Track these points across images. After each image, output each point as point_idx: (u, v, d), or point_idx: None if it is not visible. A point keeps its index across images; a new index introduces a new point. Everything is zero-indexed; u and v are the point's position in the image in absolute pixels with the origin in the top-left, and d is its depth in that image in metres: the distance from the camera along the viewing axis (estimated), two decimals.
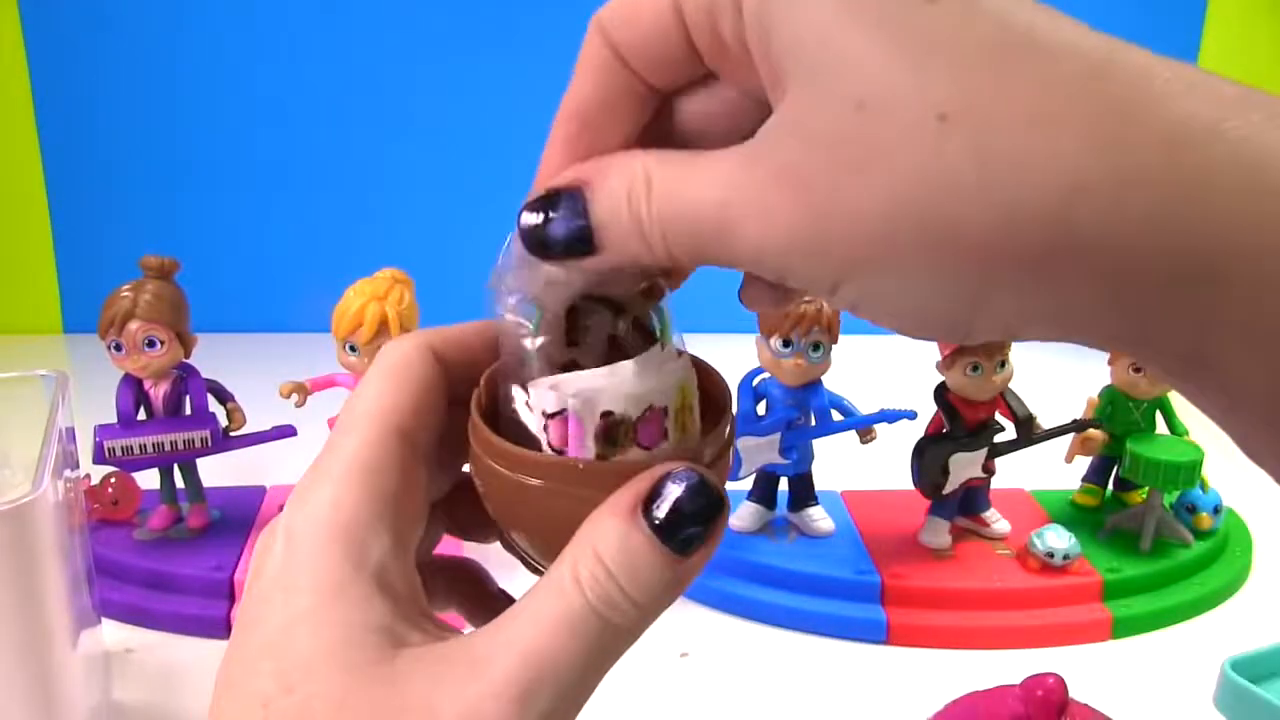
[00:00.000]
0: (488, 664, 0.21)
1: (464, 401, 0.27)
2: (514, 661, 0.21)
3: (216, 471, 0.73)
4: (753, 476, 0.73)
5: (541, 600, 0.22)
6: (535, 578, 0.24)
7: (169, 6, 1.17)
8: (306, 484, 0.24)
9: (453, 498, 0.28)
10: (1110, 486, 0.79)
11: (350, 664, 0.21)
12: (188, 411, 0.69)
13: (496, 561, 0.30)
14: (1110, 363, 0.75)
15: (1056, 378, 0.95)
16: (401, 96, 1.23)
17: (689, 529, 0.22)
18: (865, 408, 0.72)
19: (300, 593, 0.22)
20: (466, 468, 0.28)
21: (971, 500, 0.73)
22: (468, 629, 0.23)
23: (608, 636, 0.21)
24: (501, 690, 0.21)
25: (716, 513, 0.22)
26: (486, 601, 0.28)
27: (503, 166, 1.27)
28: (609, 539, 0.22)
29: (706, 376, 0.27)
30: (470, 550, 0.32)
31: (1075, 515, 0.77)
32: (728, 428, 0.26)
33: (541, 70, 1.23)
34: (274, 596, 0.22)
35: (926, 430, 0.72)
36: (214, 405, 0.69)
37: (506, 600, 0.27)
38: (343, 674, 0.21)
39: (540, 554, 0.26)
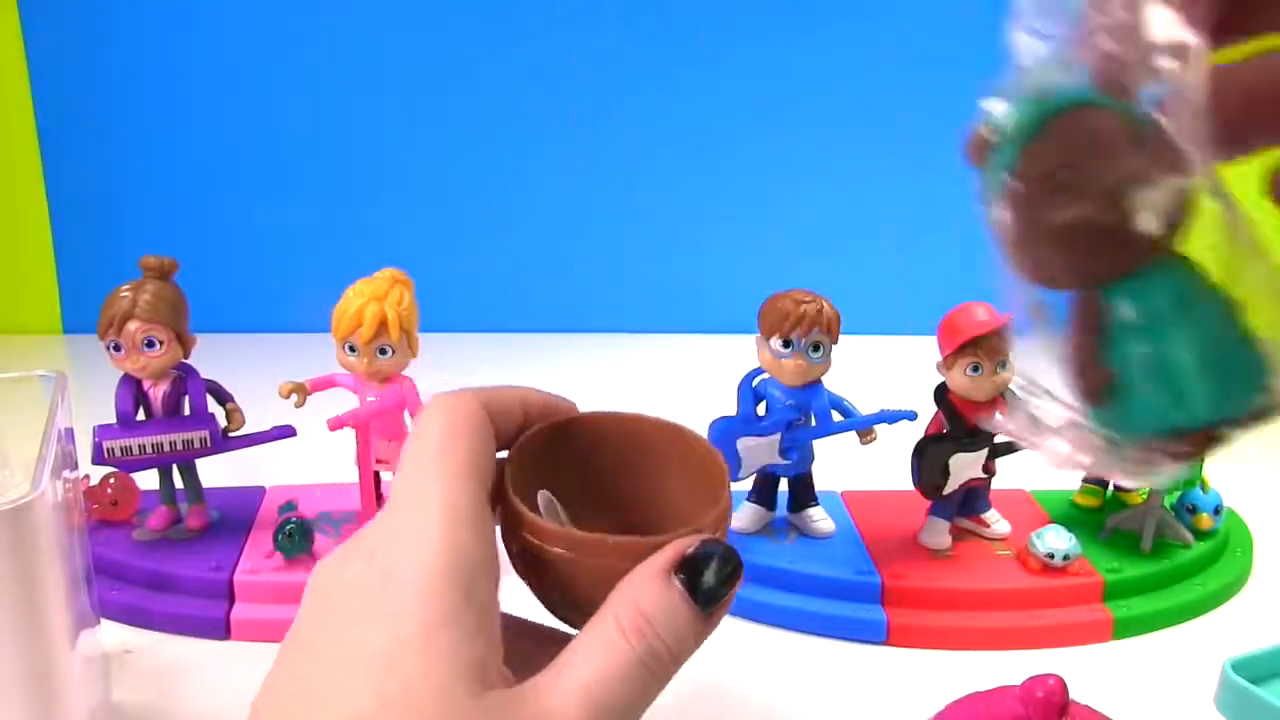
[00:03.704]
0: (561, 711, 0.24)
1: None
2: (582, 709, 0.24)
3: (216, 472, 0.73)
4: (752, 477, 0.73)
5: (596, 650, 0.25)
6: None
7: (169, 7, 1.17)
8: (403, 522, 0.25)
9: None
10: (1111, 487, 0.79)
11: (449, 697, 0.22)
12: (187, 412, 0.69)
13: None
14: None
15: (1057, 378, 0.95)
16: (401, 97, 1.23)
17: (715, 588, 0.25)
18: (865, 408, 0.72)
19: (408, 620, 0.23)
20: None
21: (972, 501, 0.73)
22: None
23: (653, 683, 0.25)
24: None
25: (737, 575, 0.26)
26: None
27: (502, 167, 1.27)
28: (649, 595, 0.25)
29: (706, 453, 0.29)
30: None
31: (1076, 516, 0.77)
32: (727, 501, 0.29)
33: (541, 71, 1.23)
34: (373, 622, 0.23)
35: (926, 430, 0.72)
36: (213, 406, 0.69)
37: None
38: (440, 705, 0.22)
39: (565, 604, 0.29)
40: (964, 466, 0.69)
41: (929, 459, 0.69)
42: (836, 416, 0.71)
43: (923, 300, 0.95)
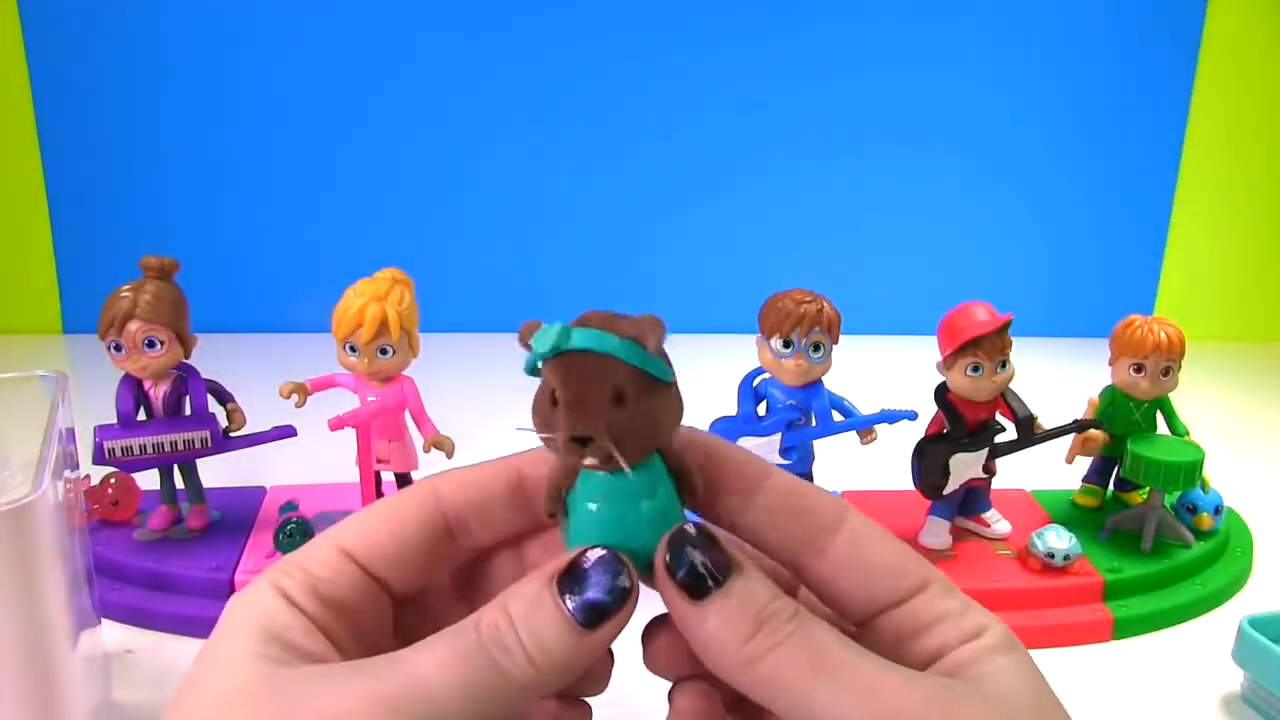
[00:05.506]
0: (371, 675, 0.22)
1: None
2: (395, 676, 0.22)
3: (216, 472, 0.73)
4: None
5: (442, 635, 0.23)
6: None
7: (169, 8, 1.17)
8: (263, 577, 0.25)
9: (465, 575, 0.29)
10: (1111, 487, 0.79)
11: (244, 674, 0.22)
12: (188, 412, 0.69)
13: None
14: (1111, 363, 0.75)
15: (1057, 378, 0.96)
16: (400, 98, 1.23)
17: (598, 602, 0.23)
18: (865, 408, 0.72)
19: (218, 670, 0.23)
20: None
21: (972, 501, 0.73)
22: None
23: (496, 679, 0.23)
24: (373, 697, 0.22)
25: (625, 593, 0.24)
26: None
27: (502, 167, 1.27)
28: (520, 597, 0.24)
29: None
30: None
31: (1076, 516, 0.77)
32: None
33: (540, 72, 1.23)
34: (201, 669, 0.24)
35: (927, 430, 0.72)
36: (214, 405, 0.69)
37: None
38: (236, 681, 0.22)
39: None
40: (964, 466, 0.69)
41: (929, 459, 0.69)
42: (837, 416, 0.71)
43: (923, 300, 0.95)
